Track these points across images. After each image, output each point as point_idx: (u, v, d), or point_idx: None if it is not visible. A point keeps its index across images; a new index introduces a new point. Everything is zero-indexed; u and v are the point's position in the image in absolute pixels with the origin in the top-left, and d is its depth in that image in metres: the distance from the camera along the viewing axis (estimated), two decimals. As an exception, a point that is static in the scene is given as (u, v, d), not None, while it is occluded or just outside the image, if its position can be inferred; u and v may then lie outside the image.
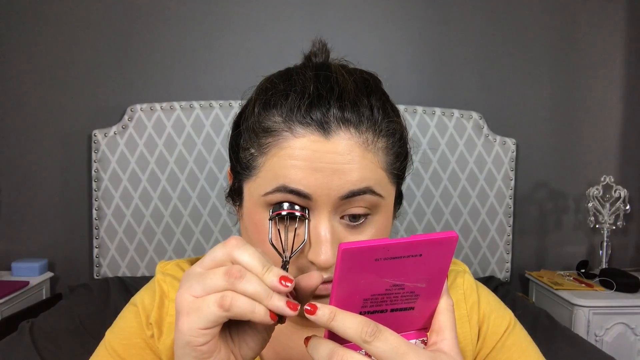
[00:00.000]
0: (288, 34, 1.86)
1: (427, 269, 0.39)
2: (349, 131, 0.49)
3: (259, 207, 0.51)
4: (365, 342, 0.37)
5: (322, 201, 0.49)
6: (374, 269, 0.37)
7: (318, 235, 0.49)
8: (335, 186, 0.48)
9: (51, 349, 1.18)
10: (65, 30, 1.79)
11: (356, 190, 0.49)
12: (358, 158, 0.49)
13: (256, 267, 0.40)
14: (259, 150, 0.51)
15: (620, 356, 1.55)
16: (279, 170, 0.49)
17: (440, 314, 0.41)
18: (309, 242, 0.49)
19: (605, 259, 1.85)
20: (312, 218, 0.50)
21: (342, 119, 0.49)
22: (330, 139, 0.49)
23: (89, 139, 1.77)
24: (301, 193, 0.48)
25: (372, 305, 0.40)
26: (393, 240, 0.36)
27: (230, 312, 0.38)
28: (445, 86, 1.93)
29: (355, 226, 0.51)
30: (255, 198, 0.51)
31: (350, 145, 0.49)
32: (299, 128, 0.49)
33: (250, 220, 0.53)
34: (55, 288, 1.82)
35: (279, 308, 0.38)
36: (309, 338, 0.41)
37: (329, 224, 0.49)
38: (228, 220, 1.76)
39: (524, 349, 0.62)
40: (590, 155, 2.00)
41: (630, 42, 1.99)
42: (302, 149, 0.48)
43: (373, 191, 0.50)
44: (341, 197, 0.49)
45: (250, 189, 0.53)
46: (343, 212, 0.50)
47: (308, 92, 0.50)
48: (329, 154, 0.48)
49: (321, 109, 0.49)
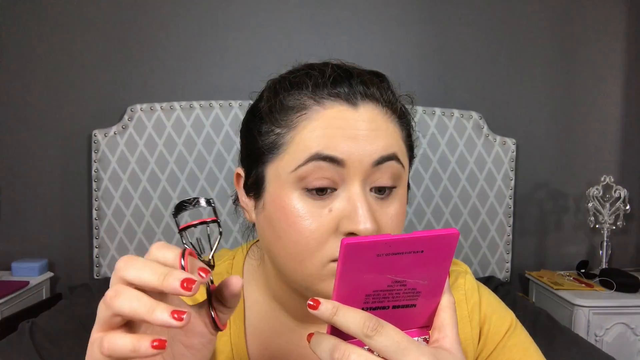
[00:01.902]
0: (288, 34, 1.86)
1: (428, 266, 0.39)
2: (372, 103, 0.53)
3: (286, 188, 0.51)
4: (367, 337, 0.37)
5: (355, 168, 0.50)
6: (376, 264, 0.37)
7: (353, 204, 0.49)
8: (368, 151, 0.50)
9: (51, 349, 1.18)
10: (65, 30, 1.79)
11: (386, 156, 0.51)
12: (384, 126, 0.52)
13: (149, 278, 0.35)
14: (287, 127, 0.52)
15: (620, 356, 1.55)
16: (311, 141, 0.50)
17: (442, 311, 0.42)
18: (342, 215, 0.49)
19: (605, 259, 1.85)
20: (343, 189, 0.50)
21: (366, 93, 0.52)
22: (357, 109, 0.51)
23: (89, 139, 1.77)
24: (336, 159, 0.49)
25: (374, 301, 0.40)
26: (395, 235, 0.37)
27: (112, 356, 0.35)
28: (445, 86, 1.93)
29: (382, 199, 0.52)
30: (284, 177, 0.51)
31: (376, 114, 0.52)
32: (327, 101, 0.51)
33: (275, 206, 0.52)
34: (55, 288, 1.82)
35: (165, 322, 0.33)
36: (311, 334, 0.41)
37: (363, 192, 0.50)
38: (228, 220, 1.76)
39: (526, 349, 0.62)
40: (590, 155, 2.00)
41: (630, 42, 1.99)
42: (332, 119, 0.50)
43: (398, 159, 0.52)
44: (373, 164, 0.50)
45: (277, 169, 0.52)
46: (372, 183, 0.51)
47: (328, 73, 0.53)
48: (357, 121, 0.51)
49: (346, 84, 0.52)
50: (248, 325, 0.60)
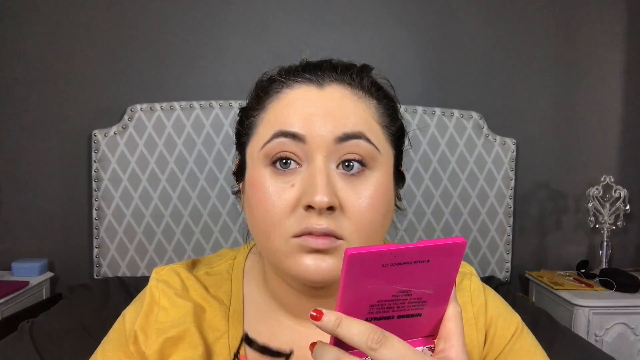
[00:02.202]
0: (288, 34, 1.86)
1: (434, 275, 0.38)
2: (341, 85, 0.54)
3: (258, 165, 0.53)
4: (372, 350, 0.37)
5: (316, 144, 0.50)
6: (381, 274, 0.37)
7: (312, 177, 0.49)
8: (330, 127, 0.51)
9: (51, 349, 1.18)
10: (65, 30, 1.79)
11: (350, 133, 0.51)
12: (351, 105, 0.53)
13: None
14: (260, 110, 0.56)
15: (620, 356, 1.55)
16: (275, 118, 0.53)
17: (448, 321, 0.41)
18: (302, 191, 0.50)
19: (605, 259, 1.85)
20: (307, 166, 0.51)
21: (335, 76, 0.54)
22: (323, 89, 0.53)
23: (89, 139, 1.77)
24: (296, 135, 0.50)
25: (379, 311, 0.39)
26: (400, 245, 0.36)
27: None
28: (445, 86, 1.93)
29: (350, 175, 0.51)
30: (256, 156, 0.53)
31: (343, 94, 0.53)
32: (294, 83, 0.54)
33: (250, 186, 0.54)
34: (55, 288, 1.82)
35: None
36: (314, 344, 0.40)
37: (323, 166, 0.50)
38: (228, 220, 1.76)
39: (532, 353, 0.61)
40: (590, 155, 2.00)
41: (630, 42, 1.99)
42: (299, 98, 0.53)
43: (367, 138, 0.52)
44: (335, 140, 0.50)
45: (251, 149, 0.55)
46: (338, 159, 0.51)
47: (305, 62, 0.56)
48: (322, 100, 0.52)
49: (316, 69, 0.55)
50: (247, 327, 0.60)
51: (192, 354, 0.56)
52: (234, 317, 0.60)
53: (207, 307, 0.60)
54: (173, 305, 0.59)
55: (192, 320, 0.58)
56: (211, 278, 0.63)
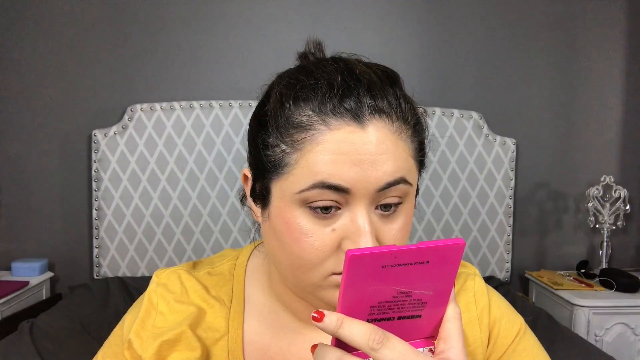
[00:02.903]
0: (288, 34, 1.86)
1: (434, 276, 0.39)
2: (382, 119, 0.49)
3: (292, 205, 0.50)
4: (373, 350, 0.37)
5: (360, 194, 0.48)
6: (381, 276, 0.37)
7: (356, 226, 0.49)
8: (373, 178, 0.48)
9: (51, 349, 1.18)
10: (65, 30, 1.79)
11: (392, 182, 0.49)
12: (392, 147, 0.49)
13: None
14: (292, 147, 0.49)
15: (620, 356, 1.55)
16: (315, 166, 0.48)
17: (447, 322, 0.41)
18: (344, 235, 0.49)
19: (605, 259, 1.85)
20: (347, 210, 0.49)
21: (375, 107, 0.49)
22: (365, 128, 0.48)
23: (89, 139, 1.77)
24: (340, 188, 0.48)
25: (379, 312, 0.39)
26: (400, 247, 0.36)
27: None
28: (445, 86, 1.93)
29: (388, 215, 0.51)
30: (289, 196, 0.50)
31: (384, 133, 0.49)
32: (333, 120, 0.48)
33: (280, 220, 0.51)
34: (55, 288, 1.82)
35: None
36: (315, 346, 0.41)
37: (367, 215, 0.49)
38: (228, 220, 1.76)
39: (535, 354, 0.61)
40: (590, 155, 2.00)
41: (631, 41, 1.99)
42: (339, 142, 0.48)
43: (406, 180, 0.50)
44: (378, 189, 0.49)
45: (282, 188, 0.51)
46: (377, 202, 0.50)
47: (337, 84, 0.49)
48: (364, 144, 0.48)
49: (353, 99, 0.48)
50: (247, 329, 0.60)
51: (190, 355, 0.56)
52: (235, 318, 0.60)
53: (207, 308, 0.60)
54: (171, 311, 0.59)
55: (189, 323, 0.58)
56: (213, 278, 0.63)
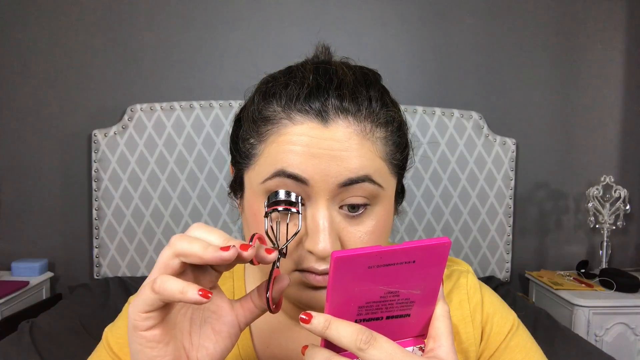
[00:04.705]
0: (288, 34, 1.86)
1: (421, 276, 0.39)
2: (347, 119, 0.49)
3: (258, 196, 0.51)
4: (360, 350, 0.37)
5: (319, 188, 0.48)
6: (368, 276, 0.37)
7: (316, 223, 0.48)
8: (334, 173, 0.48)
9: (51, 349, 1.18)
10: (65, 30, 1.79)
11: (354, 178, 0.49)
12: (356, 146, 0.49)
13: (195, 249, 0.39)
14: (259, 139, 0.52)
15: (620, 356, 1.55)
16: (277, 155, 0.49)
17: (436, 320, 0.42)
18: (305, 232, 0.49)
19: (605, 259, 1.85)
20: (309, 206, 0.49)
21: (341, 107, 0.49)
22: (328, 126, 0.49)
23: (89, 139, 1.77)
24: (299, 178, 0.48)
25: (368, 312, 0.39)
26: (385, 247, 0.36)
27: (161, 294, 0.38)
28: (445, 86, 1.93)
29: (354, 216, 0.51)
30: (255, 187, 0.51)
31: (349, 133, 0.49)
32: (297, 116, 0.49)
33: (250, 211, 0.53)
34: (55, 288, 1.82)
35: (215, 257, 0.38)
36: (306, 347, 0.41)
37: (326, 212, 0.49)
38: (228, 220, 1.76)
39: (528, 350, 0.62)
40: (590, 155, 2.00)
41: (631, 42, 1.99)
42: (300, 135, 0.49)
43: (372, 180, 0.50)
44: (339, 185, 0.48)
45: (250, 179, 0.53)
46: (341, 201, 0.50)
47: (307, 83, 0.50)
48: (326, 140, 0.48)
49: (320, 99, 0.49)
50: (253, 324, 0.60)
51: None
52: None
53: None
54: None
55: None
56: None
